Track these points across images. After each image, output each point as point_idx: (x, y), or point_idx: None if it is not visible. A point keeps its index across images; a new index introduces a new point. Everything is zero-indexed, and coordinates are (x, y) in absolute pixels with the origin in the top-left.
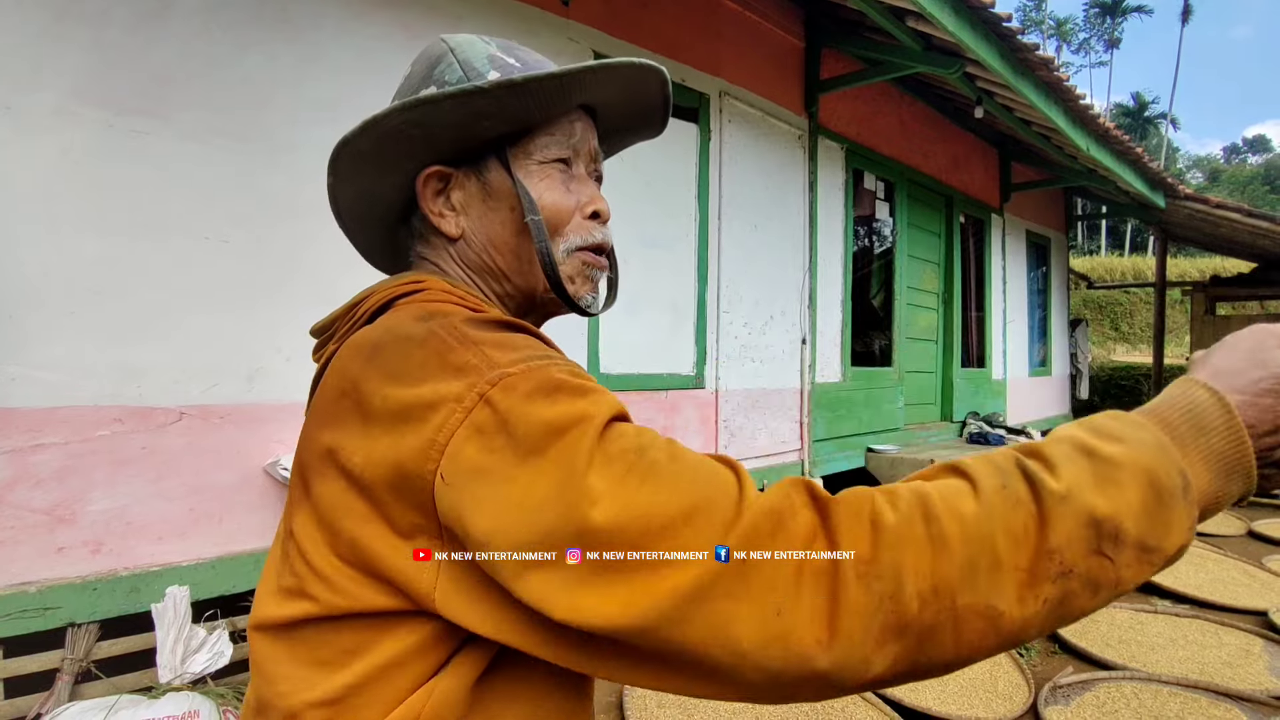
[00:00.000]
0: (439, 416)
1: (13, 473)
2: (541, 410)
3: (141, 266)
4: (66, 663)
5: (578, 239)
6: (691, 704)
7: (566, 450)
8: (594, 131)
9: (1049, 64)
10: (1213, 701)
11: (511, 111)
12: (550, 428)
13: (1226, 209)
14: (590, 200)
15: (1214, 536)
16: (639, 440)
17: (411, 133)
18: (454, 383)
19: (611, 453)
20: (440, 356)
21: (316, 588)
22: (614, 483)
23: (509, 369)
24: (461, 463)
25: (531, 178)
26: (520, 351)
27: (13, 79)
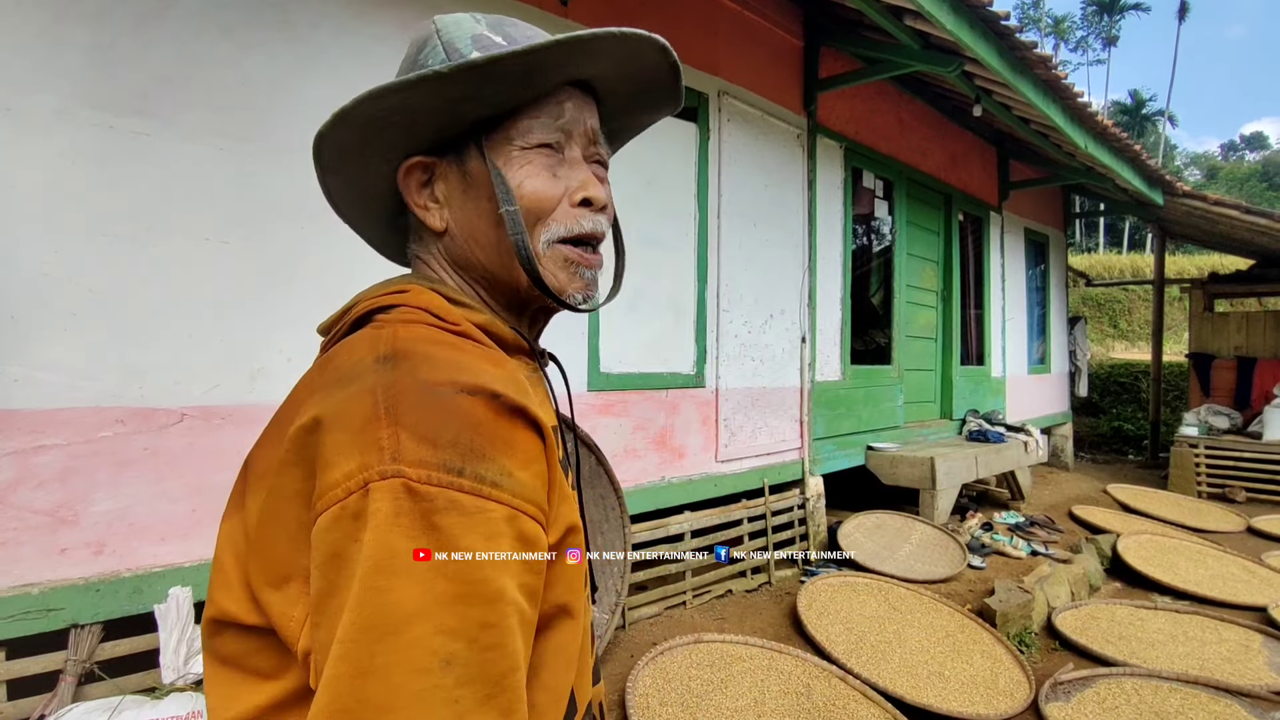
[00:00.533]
0: (326, 483)
1: (15, 474)
2: (389, 539)
3: (142, 268)
4: (69, 664)
5: (561, 229)
6: (694, 701)
7: (374, 608)
8: (591, 110)
9: (1047, 62)
10: (1213, 697)
11: (484, 95)
12: (379, 566)
13: (1225, 206)
14: (580, 186)
15: (1214, 533)
16: (446, 650)
17: (389, 121)
18: (353, 458)
19: (405, 647)
20: (364, 422)
21: (229, 597)
22: (357, 678)
23: (408, 469)
24: (319, 539)
25: (512, 164)
26: (440, 450)
27: (13, 80)
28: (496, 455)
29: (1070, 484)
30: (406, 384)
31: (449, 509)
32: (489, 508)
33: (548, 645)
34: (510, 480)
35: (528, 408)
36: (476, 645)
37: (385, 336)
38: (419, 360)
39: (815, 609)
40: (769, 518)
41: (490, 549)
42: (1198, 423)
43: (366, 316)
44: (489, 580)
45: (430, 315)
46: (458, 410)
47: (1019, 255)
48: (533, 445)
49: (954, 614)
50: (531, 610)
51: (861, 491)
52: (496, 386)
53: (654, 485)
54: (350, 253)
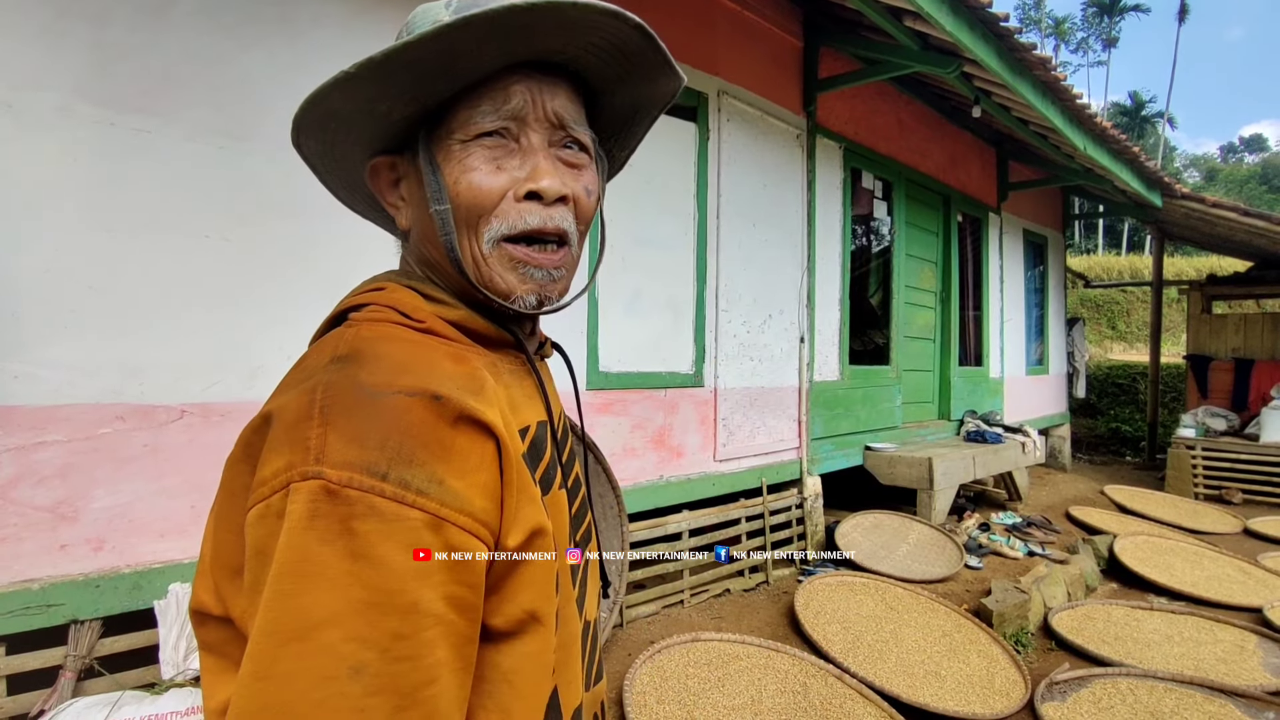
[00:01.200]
0: (257, 479)
1: (15, 470)
2: (303, 542)
3: (143, 265)
4: (69, 660)
5: (503, 226)
6: (692, 700)
7: (281, 612)
8: (556, 90)
9: (1046, 63)
10: (1208, 697)
11: (404, 90)
12: (290, 569)
13: (1223, 208)
14: (529, 176)
15: (1210, 534)
16: (355, 658)
17: (336, 125)
18: (282, 455)
19: (312, 653)
20: (296, 420)
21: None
22: (263, 683)
23: (329, 470)
24: (248, 534)
25: (451, 159)
26: (367, 453)
27: (14, 77)
28: (427, 461)
29: (1067, 485)
30: (345, 384)
31: (368, 514)
32: (410, 515)
33: (520, 651)
34: (439, 488)
35: (475, 411)
36: (388, 656)
37: (347, 336)
38: (365, 360)
39: (812, 608)
40: (767, 517)
41: (408, 557)
42: (1195, 424)
43: (343, 315)
44: (404, 591)
45: (397, 313)
46: (391, 412)
47: (1017, 256)
48: (477, 450)
49: (951, 614)
50: (465, 624)
51: (859, 491)
52: (442, 387)
53: (652, 484)
54: (349, 250)
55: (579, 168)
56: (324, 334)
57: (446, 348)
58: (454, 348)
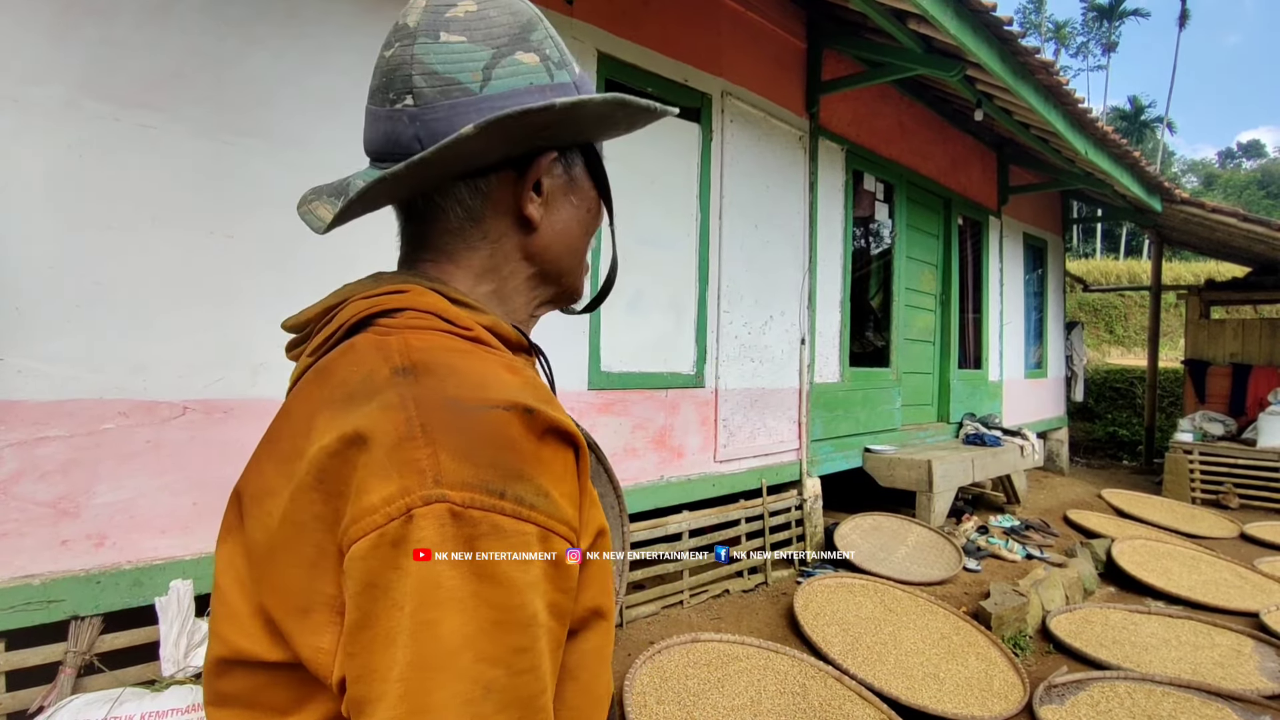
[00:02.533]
0: (362, 508)
1: (18, 465)
2: (437, 570)
3: (147, 260)
4: (69, 656)
5: None
6: (691, 700)
7: (426, 641)
8: None
9: (1049, 67)
10: (1205, 701)
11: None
12: (429, 598)
13: (1222, 213)
14: None
15: (1207, 539)
16: (487, 678)
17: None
18: (391, 481)
19: (455, 680)
20: (398, 441)
21: (237, 630)
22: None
23: (451, 492)
24: (354, 567)
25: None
26: (480, 469)
27: (20, 72)
28: (532, 474)
29: (1065, 488)
30: (436, 400)
31: (491, 533)
32: (526, 530)
33: (584, 648)
34: (545, 500)
35: (559, 422)
36: (512, 670)
37: (396, 345)
38: (443, 373)
39: (812, 610)
40: (766, 518)
41: (526, 572)
42: (1193, 429)
43: (366, 321)
44: (524, 605)
45: (439, 320)
46: (492, 428)
47: (1017, 260)
48: (564, 460)
49: (949, 616)
50: (560, 629)
51: (858, 493)
52: (527, 400)
53: (653, 484)
54: (352, 247)
55: None
56: (337, 340)
57: (497, 357)
58: (503, 357)
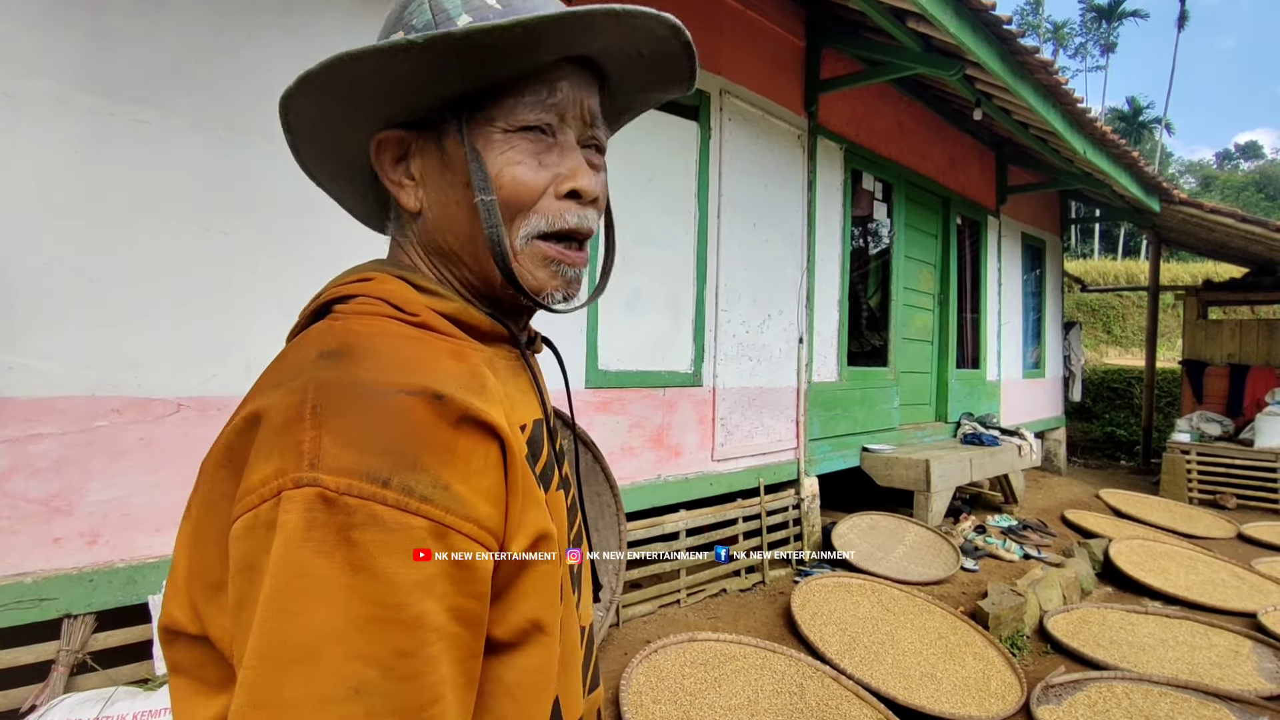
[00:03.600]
0: (244, 487)
1: (10, 462)
2: (299, 556)
3: (140, 256)
4: (62, 654)
5: (543, 223)
6: (688, 700)
7: (279, 632)
8: (591, 89)
9: (1048, 67)
10: (1202, 701)
11: (466, 69)
12: (286, 586)
13: (1221, 214)
14: (570, 174)
15: (1204, 539)
16: (358, 678)
17: (355, 90)
18: (272, 460)
19: (313, 675)
20: (287, 421)
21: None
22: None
23: (325, 476)
24: (234, 548)
25: (493, 148)
26: (368, 457)
27: (12, 65)
28: (431, 465)
29: (1063, 488)
30: (339, 382)
31: (368, 523)
32: (414, 524)
33: (522, 665)
34: (444, 494)
35: (479, 411)
36: (392, 674)
37: (336, 330)
38: (359, 355)
39: (809, 609)
40: (764, 517)
41: (414, 569)
42: (1190, 429)
43: (327, 307)
44: (408, 604)
45: (389, 305)
46: (393, 412)
47: (1015, 260)
48: (480, 453)
49: (947, 616)
50: (470, 637)
51: (856, 492)
52: (444, 387)
53: (650, 483)
54: (348, 242)
55: (599, 169)
56: (304, 327)
57: (445, 343)
58: (452, 343)
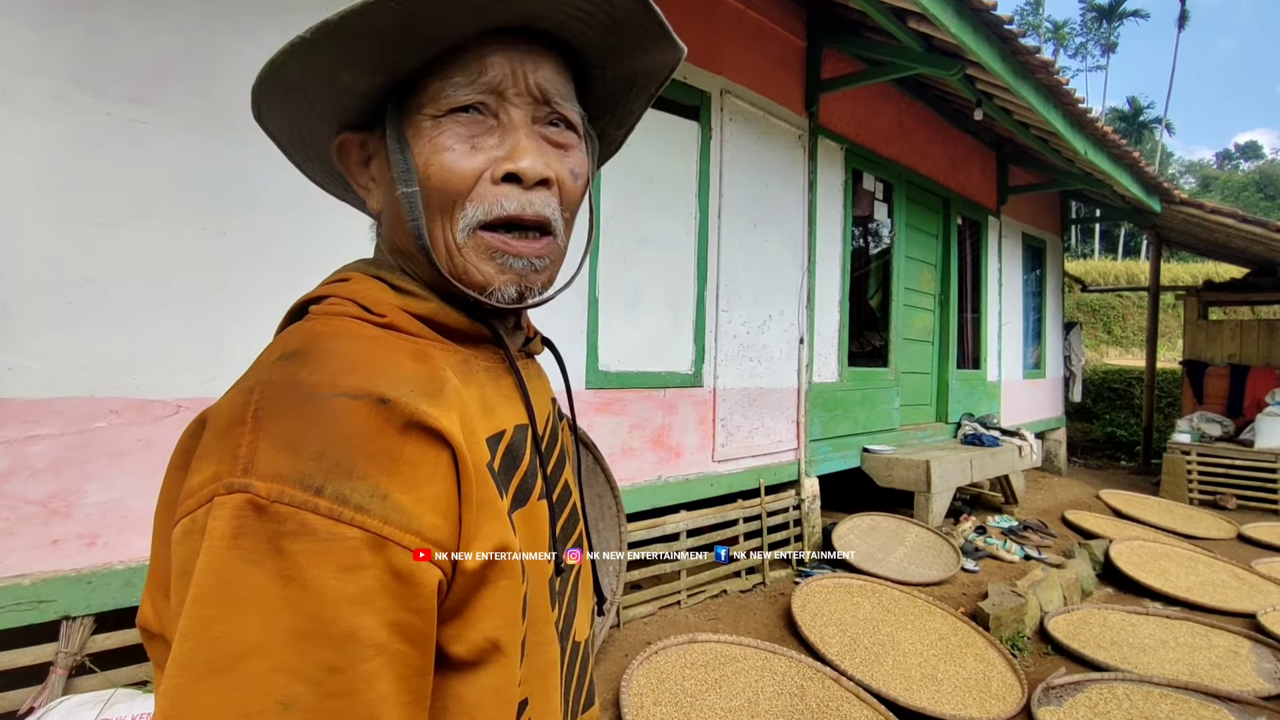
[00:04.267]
0: (185, 490)
1: (8, 464)
2: (225, 564)
3: (138, 257)
4: (60, 656)
5: (478, 212)
6: (688, 701)
7: (199, 641)
8: (539, 61)
9: (1049, 67)
10: (1202, 702)
11: (365, 59)
12: (210, 594)
13: (1221, 214)
14: (507, 155)
15: (1205, 539)
16: (285, 692)
17: (305, 95)
18: (210, 464)
19: (235, 686)
20: (229, 425)
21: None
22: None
23: (257, 483)
24: (173, 551)
25: (422, 136)
26: (301, 461)
27: (9, 65)
28: (369, 472)
29: (1063, 489)
30: (283, 384)
31: (299, 533)
32: (347, 534)
33: (481, 684)
34: (381, 503)
35: (427, 417)
36: (321, 690)
37: (300, 331)
38: (311, 357)
39: (809, 610)
40: (764, 518)
41: (347, 582)
42: (1190, 429)
43: (304, 308)
44: (339, 618)
45: (356, 306)
46: (331, 417)
47: (1016, 260)
48: (429, 460)
49: (947, 617)
50: (415, 653)
51: (857, 493)
52: (391, 390)
53: (650, 484)
54: (348, 241)
55: (565, 148)
56: (280, 329)
57: (408, 344)
58: (417, 344)
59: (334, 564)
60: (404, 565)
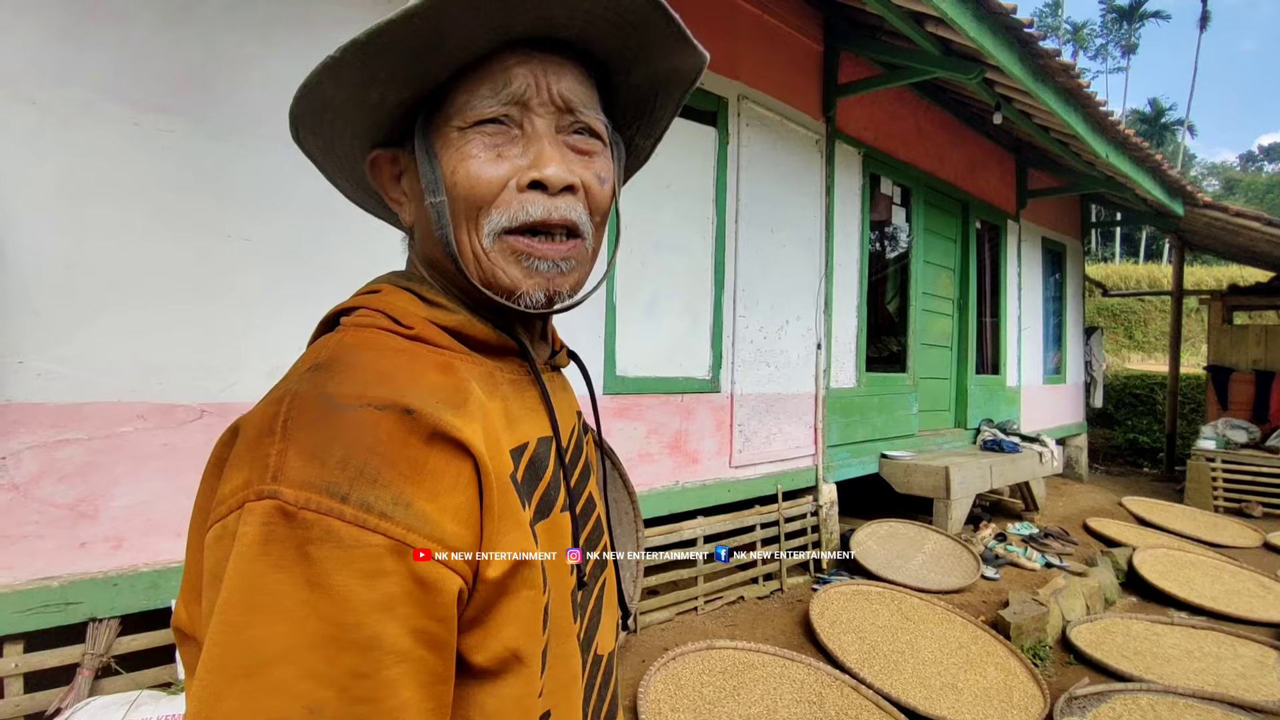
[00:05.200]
0: (218, 497)
1: (38, 468)
2: (255, 569)
3: (164, 263)
4: (87, 658)
5: (504, 218)
6: (706, 709)
7: (228, 646)
8: (563, 71)
9: (1069, 70)
10: (1227, 713)
11: (390, 74)
12: (240, 599)
13: (1246, 218)
14: (531, 164)
15: (1230, 548)
16: (312, 697)
17: (338, 114)
18: (241, 472)
19: (263, 691)
20: (259, 434)
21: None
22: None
23: (284, 490)
24: (206, 556)
25: (450, 148)
26: (327, 469)
27: (40, 75)
28: (393, 481)
29: (1085, 496)
30: (311, 395)
31: (325, 539)
32: (371, 541)
33: (503, 693)
34: (405, 511)
35: (451, 427)
36: (347, 695)
37: (330, 343)
38: (339, 369)
39: (828, 617)
40: (782, 524)
41: (371, 588)
42: (1215, 436)
43: (336, 319)
44: (363, 624)
45: (386, 318)
46: (357, 427)
47: (1036, 264)
48: (452, 470)
49: (967, 625)
50: (438, 660)
51: (874, 499)
52: (416, 401)
53: (668, 490)
54: (371, 249)
55: (590, 154)
56: (317, 339)
57: (434, 356)
58: (443, 356)
59: (358, 570)
60: (426, 572)
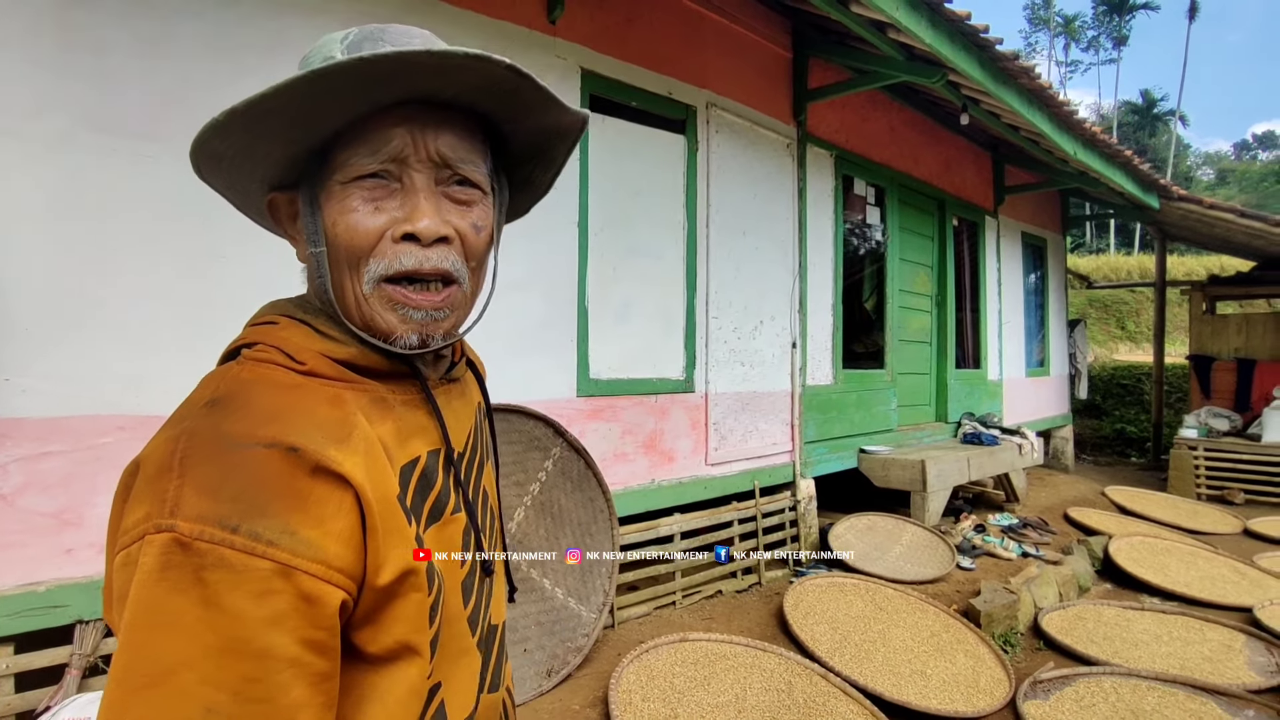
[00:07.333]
0: (123, 527)
1: (23, 479)
2: (155, 594)
3: (143, 282)
4: (75, 658)
5: (380, 267)
6: (676, 697)
7: (133, 659)
8: (442, 129)
9: (1029, 72)
10: (1189, 695)
11: (279, 133)
12: (142, 620)
13: (1220, 210)
14: (406, 217)
15: (1210, 535)
16: (209, 700)
17: (230, 163)
18: (143, 505)
19: (165, 697)
20: (158, 471)
21: None
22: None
23: (180, 524)
24: (113, 580)
25: (332, 200)
26: (220, 503)
27: (19, 107)
28: (280, 512)
29: (1068, 486)
30: (207, 434)
31: (218, 565)
32: (259, 565)
33: (393, 676)
34: (290, 538)
35: (332, 462)
36: (240, 697)
37: (226, 378)
38: (233, 407)
39: (801, 609)
40: (759, 519)
41: (260, 606)
42: (1198, 425)
43: (238, 351)
44: (254, 638)
45: (281, 354)
46: (248, 464)
47: (1016, 259)
48: (334, 500)
49: (940, 614)
50: (325, 663)
51: (855, 494)
52: (300, 439)
53: (644, 488)
54: None
55: (468, 204)
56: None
57: (325, 390)
58: (333, 389)
59: (248, 590)
60: (312, 591)
